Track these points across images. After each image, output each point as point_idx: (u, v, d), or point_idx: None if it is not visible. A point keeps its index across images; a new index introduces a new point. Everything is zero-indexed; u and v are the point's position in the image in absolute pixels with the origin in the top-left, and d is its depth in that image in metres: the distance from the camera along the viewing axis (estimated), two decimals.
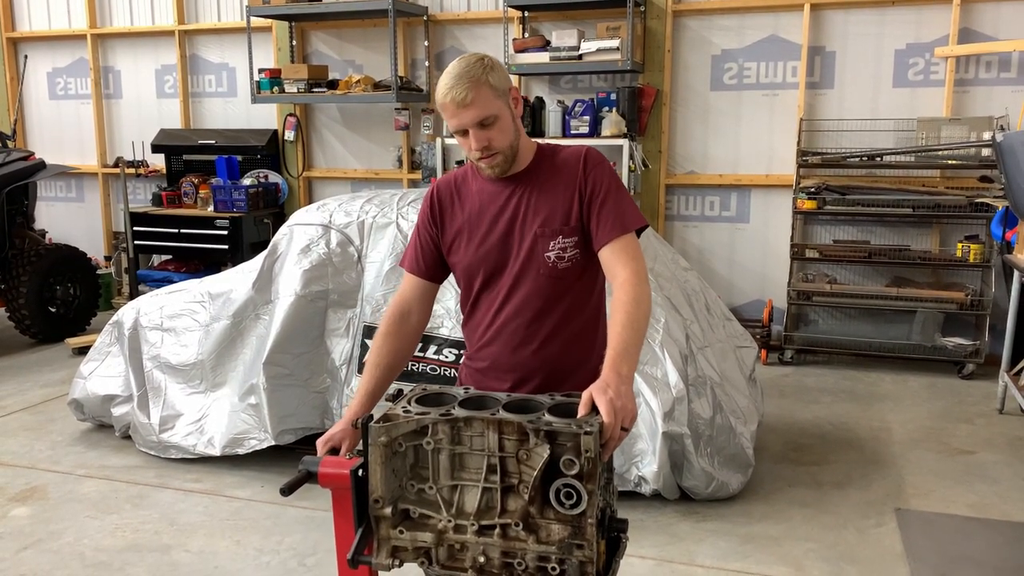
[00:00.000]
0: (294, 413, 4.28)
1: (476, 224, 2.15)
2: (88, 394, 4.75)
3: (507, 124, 2.04)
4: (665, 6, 6.49)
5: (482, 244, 2.14)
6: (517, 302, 2.12)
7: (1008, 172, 4.58)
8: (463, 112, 1.98)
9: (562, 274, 2.09)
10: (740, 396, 4.29)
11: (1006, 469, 4.40)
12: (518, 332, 2.13)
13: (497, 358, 2.17)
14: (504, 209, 2.12)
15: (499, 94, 2.02)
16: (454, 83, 1.98)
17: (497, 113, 2.01)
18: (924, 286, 6.14)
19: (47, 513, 3.96)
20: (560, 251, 2.07)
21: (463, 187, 2.21)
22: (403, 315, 2.22)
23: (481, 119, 1.99)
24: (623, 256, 2.02)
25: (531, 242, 2.09)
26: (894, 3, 6.10)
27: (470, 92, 1.97)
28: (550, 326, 2.11)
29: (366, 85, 6.98)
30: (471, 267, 2.17)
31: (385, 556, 1.67)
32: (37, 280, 6.69)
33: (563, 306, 2.11)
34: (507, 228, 2.12)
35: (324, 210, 4.55)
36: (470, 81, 1.97)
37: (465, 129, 2.01)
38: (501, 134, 2.03)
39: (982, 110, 5.98)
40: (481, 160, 2.06)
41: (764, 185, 6.57)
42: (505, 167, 2.09)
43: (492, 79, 2.00)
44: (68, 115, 8.57)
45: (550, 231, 2.07)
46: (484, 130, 2.01)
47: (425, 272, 2.24)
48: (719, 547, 3.59)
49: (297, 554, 3.57)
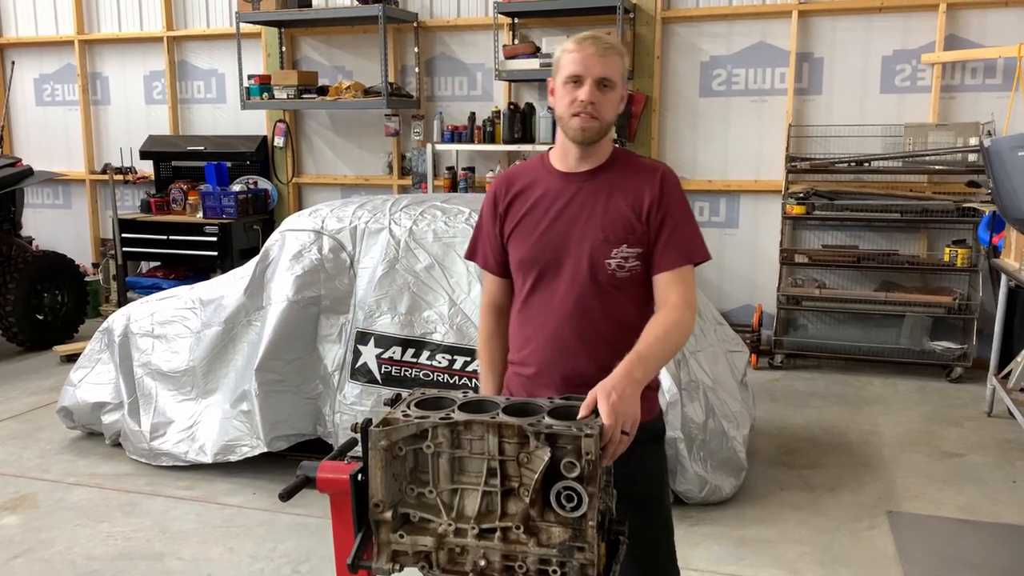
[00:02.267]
0: (286, 419, 4.27)
1: (537, 217, 2.10)
2: (78, 401, 4.72)
3: (616, 102, 2.03)
4: (654, 13, 6.52)
5: (540, 238, 2.08)
6: (572, 306, 2.06)
7: (995, 177, 4.62)
8: (595, 62, 1.97)
9: (620, 283, 2.05)
10: (732, 400, 4.31)
11: (995, 471, 4.43)
12: (571, 338, 2.07)
13: (548, 364, 2.10)
14: (569, 205, 2.07)
15: (623, 76, 2.04)
16: (596, 37, 2.00)
17: (618, 84, 2.01)
18: (912, 290, 6.18)
19: (37, 522, 3.93)
20: (622, 260, 2.03)
21: (530, 178, 2.16)
22: (498, 311, 2.24)
23: (605, 77, 1.98)
24: (679, 286, 2.01)
25: (592, 245, 2.04)
26: (881, 10, 6.16)
27: (609, 51, 1.99)
28: (606, 335, 2.05)
29: (356, 91, 6.97)
30: (525, 261, 2.11)
31: (385, 560, 1.67)
32: (24, 287, 6.64)
33: (619, 316, 2.06)
34: (568, 226, 2.06)
35: (316, 216, 4.54)
36: (616, 44, 2.02)
37: (581, 78, 1.98)
38: (609, 105, 2.01)
39: (968, 116, 6.04)
40: (577, 117, 2.00)
41: (753, 191, 6.60)
42: (595, 137, 2.04)
43: (626, 61, 2.06)
44: (55, 121, 8.52)
45: (615, 238, 2.03)
46: (600, 90, 1.99)
47: (498, 269, 2.22)
48: (713, 551, 3.60)
49: (291, 561, 3.55)
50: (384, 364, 4.22)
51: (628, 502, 2.01)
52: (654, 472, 2.19)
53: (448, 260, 4.22)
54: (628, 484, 2.03)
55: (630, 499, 2.03)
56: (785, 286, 6.33)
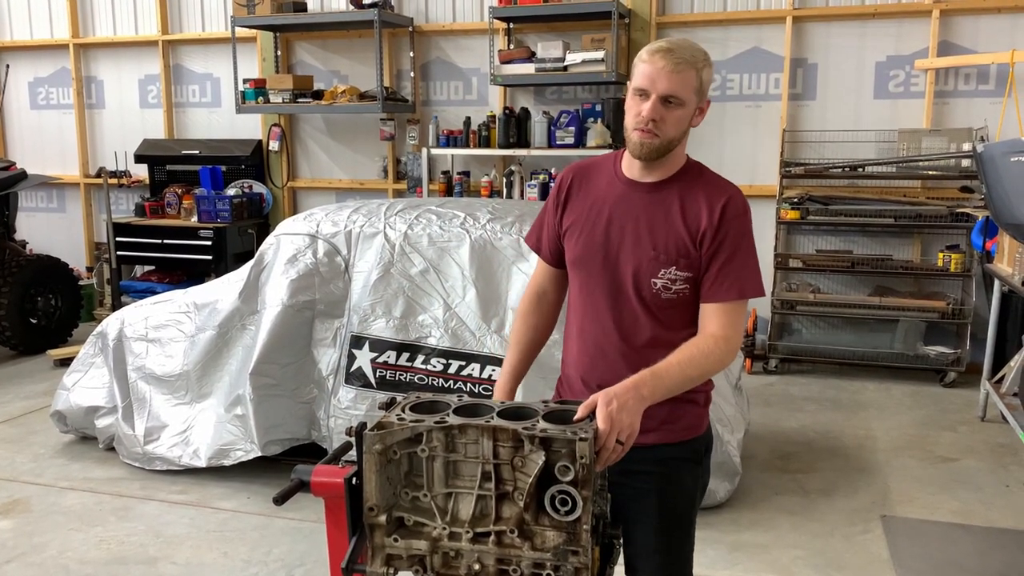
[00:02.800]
0: (281, 424, 4.26)
1: (593, 217, 2.04)
2: (71, 405, 4.71)
3: (685, 118, 1.95)
4: (649, 18, 6.54)
5: (592, 240, 2.03)
6: (613, 317, 2.02)
7: (988, 182, 4.64)
8: (662, 77, 1.89)
9: (664, 304, 1.99)
10: (726, 404, 4.31)
11: (989, 476, 4.44)
12: (610, 349, 2.03)
13: (587, 369, 2.08)
14: (626, 213, 2.01)
15: (697, 91, 1.94)
16: (673, 48, 1.91)
17: (685, 101, 1.93)
18: (906, 295, 6.20)
19: (30, 526, 3.91)
20: (669, 281, 1.97)
21: (596, 175, 2.10)
22: (539, 295, 2.21)
23: (671, 94, 1.90)
24: (723, 318, 1.94)
25: (641, 261, 1.98)
26: (875, 16, 6.19)
27: (683, 65, 1.90)
28: (645, 352, 1.97)
29: (351, 95, 6.98)
30: (575, 261, 2.08)
31: (380, 564, 1.67)
32: (18, 291, 6.62)
33: (660, 334, 1.99)
34: (620, 235, 2.00)
35: (311, 220, 4.54)
36: (689, 58, 1.91)
37: (648, 92, 1.91)
38: (676, 123, 1.94)
39: (962, 121, 6.07)
40: (637, 131, 1.94)
41: (748, 195, 6.49)
42: (655, 155, 1.96)
43: (704, 75, 1.95)
44: (50, 125, 8.51)
45: (666, 258, 1.96)
46: (665, 106, 1.91)
47: (550, 258, 2.18)
48: (708, 555, 3.60)
49: (285, 565, 3.54)
50: (379, 368, 4.22)
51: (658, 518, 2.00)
52: (686, 494, 2.12)
53: (443, 264, 4.22)
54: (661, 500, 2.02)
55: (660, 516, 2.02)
56: (779, 291, 6.35)
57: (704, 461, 2.16)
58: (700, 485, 2.18)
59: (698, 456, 2.13)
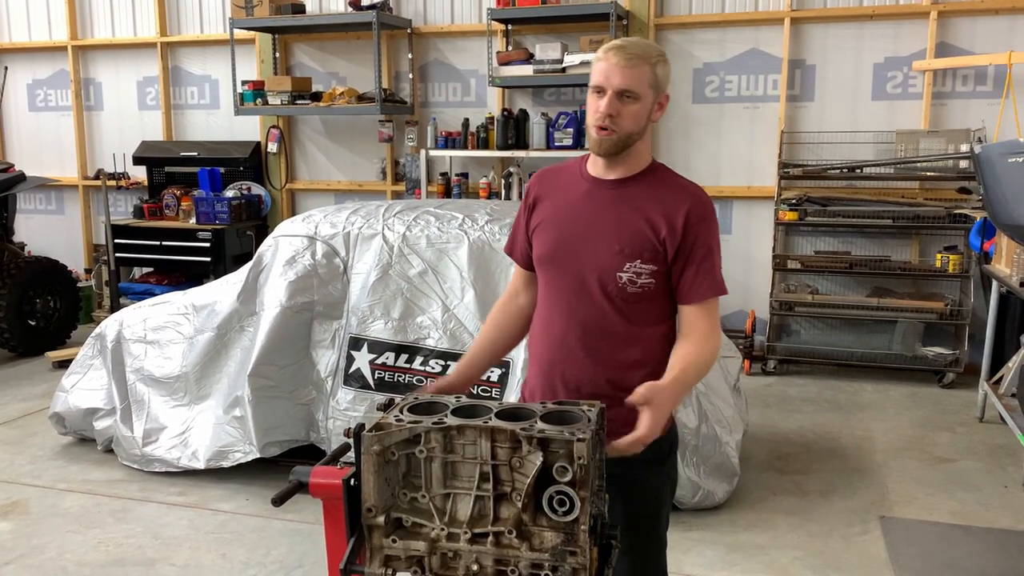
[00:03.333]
0: (279, 425, 4.26)
1: (559, 216, 2.10)
2: (70, 407, 4.71)
3: (640, 114, 1.99)
4: (647, 20, 6.55)
5: (557, 238, 2.09)
6: (579, 311, 2.06)
7: (986, 183, 4.65)
8: (615, 73, 1.94)
9: (631, 298, 2.02)
10: (725, 406, 4.31)
11: (987, 477, 4.45)
12: (575, 344, 2.06)
13: (550, 364, 2.11)
14: (590, 210, 2.06)
15: (653, 85, 1.99)
16: (628, 45, 1.97)
17: (641, 96, 1.97)
18: (904, 296, 6.21)
19: (28, 528, 3.91)
20: (634, 275, 2.01)
21: (562, 177, 2.16)
22: (512, 295, 2.28)
23: (626, 89, 1.95)
24: (711, 321, 2.02)
25: (606, 255, 2.02)
26: (872, 17, 6.20)
27: (634, 60, 1.95)
28: (611, 345, 2.04)
29: (350, 97, 6.98)
30: (541, 259, 2.13)
31: (378, 565, 1.67)
32: (16, 293, 6.62)
33: (627, 328, 2.04)
34: (586, 231, 2.05)
35: (309, 221, 4.54)
36: (641, 53, 1.96)
37: (604, 88, 1.96)
38: (632, 117, 1.97)
39: (959, 122, 6.08)
40: (596, 127, 1.99)
41: (746, 197, 6.63)
42: (613, 150, 2.00)
43: (659, 70, 1.99)
44: (48, 127, 8.51)
45: (630, 252, 2.00)
46: (620, 101, 1.96)
47: (522, 260, 2.24)
48: (706, 556, 3.60)
49: (283, 567, 3.54)
50: (377, 370, 4.22)
51: (624, 518, 2.01)
52: (653, 493, 2.14)
53: (442, 266, 4.23)
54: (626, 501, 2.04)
55: (626, 516, 2.03)
56: (778, 292, 6.35)
57: (669, 459, 2.18)
58: (668, 483, 2.20)
59: (662, 455, 2.14)
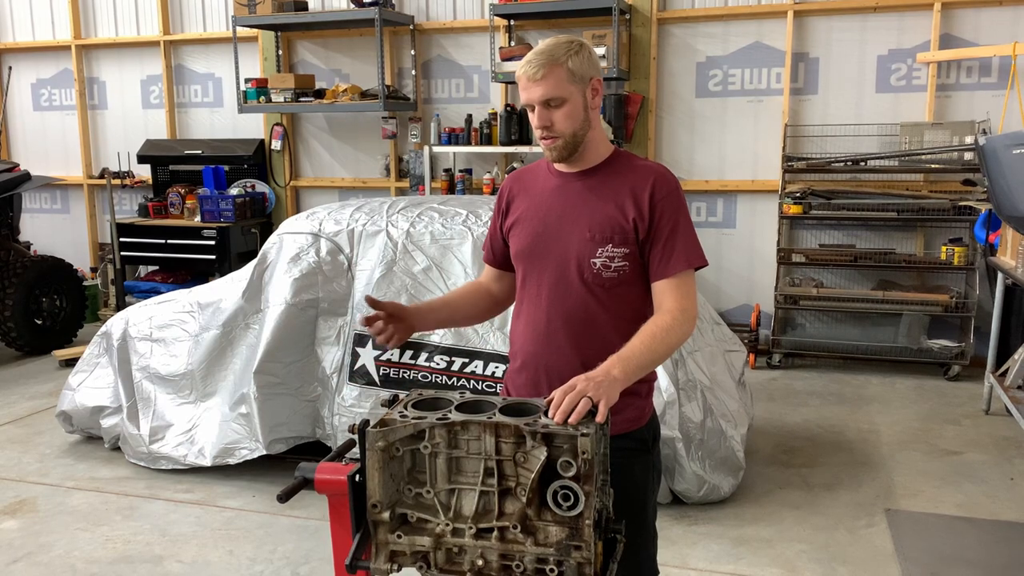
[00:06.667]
0: (285, 422, 4.27)
1: (533, 214, 2.14)
2: (77, 406, 4.73)
3: (575, 110, 2.00)
4: (650, 14, 6.54)
5: (532, 233, 2.12)
6: (557, 302, 2.08)
7: (991, 175, 4.63)
8: (532, 87, 1.98)
9: (607, 283, 2.05)
10: (730, 400, 4.31)
11: (993, 469, 4.44)
12: (555, 333, 2.09)
13: (531, 355, 2.13)
14: (561, 203, 2.10)
15: (575, 79, 1.99)
16: (532, 57, 1.99)
17: (566, 97, 1.98)
18: (909, 289, 6.20)
19: (37, 526, 3.93)
20: (607, 259, 2.04)
21: (533, 178, 2.21)
22: (477, 284, 2.36)
23: (548, 98, 1.98)
24: (677, 293, 2.00)
25: (579, 244, 2.05)
26: (876, 9, 6.17)
27: (542, 69, 1.96)
28: (590, 333, 2.06)
29: (353, 94, 6.99)
30: (518, 256, 2.17)
31: (383, 561, 1.67)
32: (23, 292, 6.64)
33: (605, 315, 2.06)
34: (558, 223, 2.09)
35: (314, 218, 4.55)
36: (548, 59, 1.97)
37: (532, 104, 2.00)
38: (566, 119, 2.00)
39: (964, 114, 6.06)
40: (542, 140, 2.04)
41: (750, 190, 6.61)
42: (564, 154, 2.05)
43: (572, 63, 1.98)
44: (53, 126, 8.53)
45: (600, 237, 2.04)
46: (548, 110, 1.99)
47: (493, 259, 2.29)
48: (712, 550, 3.61)
49: (290, 563, 3.56)
50: (382, 366, 4.23)
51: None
52: (638, 483, 2.13)
53: (446, 262, 4.23)
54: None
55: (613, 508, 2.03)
56: (782, 285, 6.34)
57: (652, 449, 2.19)
58: (652, 474, 2.20)
59: (645, 445, 2.15)
